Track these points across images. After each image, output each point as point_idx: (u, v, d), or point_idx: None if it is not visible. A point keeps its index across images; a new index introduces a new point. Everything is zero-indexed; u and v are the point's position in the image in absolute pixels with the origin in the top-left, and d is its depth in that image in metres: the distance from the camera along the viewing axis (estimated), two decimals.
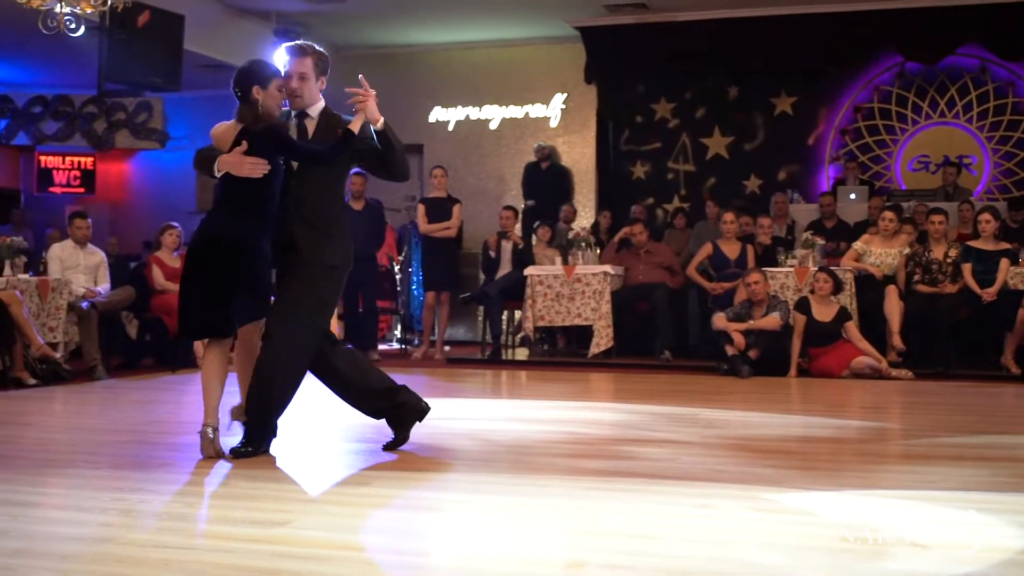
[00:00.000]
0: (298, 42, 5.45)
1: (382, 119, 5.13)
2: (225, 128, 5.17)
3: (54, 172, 15.81)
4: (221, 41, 13.10)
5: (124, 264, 12.21)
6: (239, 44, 13.32)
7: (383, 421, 5.34)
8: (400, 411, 5.25)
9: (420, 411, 5.28)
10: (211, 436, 5.02)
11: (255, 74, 5.18)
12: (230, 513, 3.94)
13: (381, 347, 11.90)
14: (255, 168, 4.97)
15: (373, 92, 5.13)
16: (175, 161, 15.78)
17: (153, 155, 15.88)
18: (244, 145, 5.00)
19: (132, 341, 10.46)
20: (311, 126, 5.26)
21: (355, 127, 5.06)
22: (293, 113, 5.31)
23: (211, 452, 5.00)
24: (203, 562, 3.26)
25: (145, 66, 11.73)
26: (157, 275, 10.21)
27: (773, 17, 12.64)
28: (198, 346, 9.99)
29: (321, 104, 5.33)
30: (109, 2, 8.65)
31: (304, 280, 5.07)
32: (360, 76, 5.22)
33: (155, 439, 5.80)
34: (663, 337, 10.66)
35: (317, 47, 5.39)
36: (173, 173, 15.84)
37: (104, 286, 9.90)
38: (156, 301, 10.17)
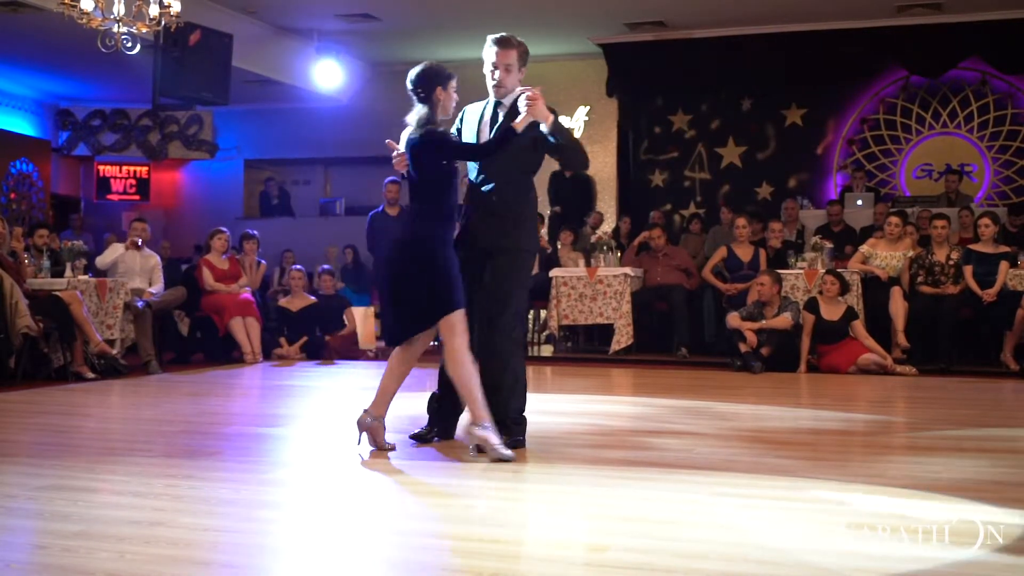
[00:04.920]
0: (504, 35, 5.36)
1: (552, 117, 5.02)
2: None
3: (111, 180, 15.91)
4: (266, 58, 13.16)
5: (176, 266, 12.27)
6: (283, 60, 13.40)
7: (419, 412, 5.34)
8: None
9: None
10: (369, 423, 4.89)
11: (439, 75, 5.26)
12: (274, 498, 3.96)
13: None
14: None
15: (539, 93, 4.96)
16: (224, 170, 15.89)
17: (203, 164, 15.97)
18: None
19: (184, 338, 10.50)
20: (501, 113, 5.24)
21: (518, 126, 4.98)
22: (493, 101, 5.35)
23: (370, 439, 4.89)
24: (249, 544, 3.27)
25: (196, 82, 11.78)
26: (207, 276, 10.25)
27: (784, 33, 12.56)
28: (244, 343, 10.04)
29: (515, 93, 5.21)
30: (163, 22, 8.71)
31: (506, 267, 5.00)
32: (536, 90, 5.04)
33: (205, 429, 5.82)
34: (680, 335, 10.63)
35: (520, 40, 5.32)
36: (222, 181, 15.94)
37: (158, 287, 9.96)
38: (206, 301, 10.22)
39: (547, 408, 6.92)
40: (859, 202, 12.10)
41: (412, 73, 5.15)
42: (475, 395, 4.66)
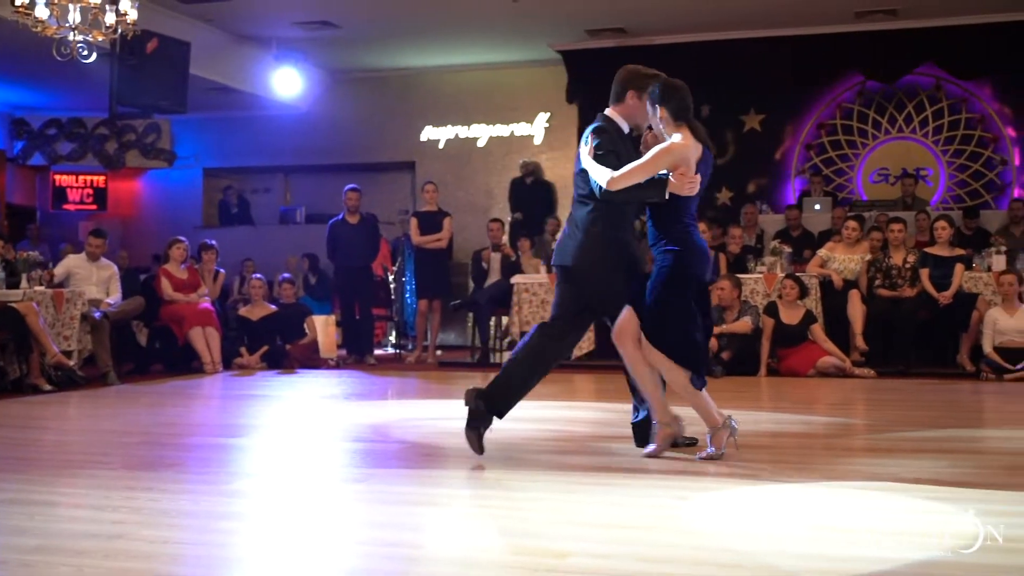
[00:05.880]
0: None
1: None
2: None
3: (68, 190, 15.73)
4: (225, 66, 13.09)
5: (134, 276, 12.14)
6: (242, 68, 13.33)
7: (381, 421, 5.32)
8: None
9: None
10: (667, 431, 4.89)
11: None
12: (236, 509, 3.92)
13: (377, 352, 11.88)
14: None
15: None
16: (182, 179, 15.76)
17: (161, 174, 15.83)
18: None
19: (142, 348, 10.43)
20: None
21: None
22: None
23: (666, 447, 4.88)
24: (211, 556, 3.25)
25: (154, 90, 11.70)
26: (165, 286, 10.18)
27: (742, 40, 12.66)
28: (204, 352, 9.97)
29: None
30: (119, 30, 8.64)
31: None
32: None
33: (165, 440, 5.77)
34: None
35: (626, 69, 5.34)
36: (180, 190, 15.81)
37: (116, 297, 9.85)
38: (165, 310, 10.15)
39: (509, 414, 6.90)
40: (817, 206, 12.21)
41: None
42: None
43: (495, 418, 5.00)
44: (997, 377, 8.80)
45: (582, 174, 5.05)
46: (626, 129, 5.16)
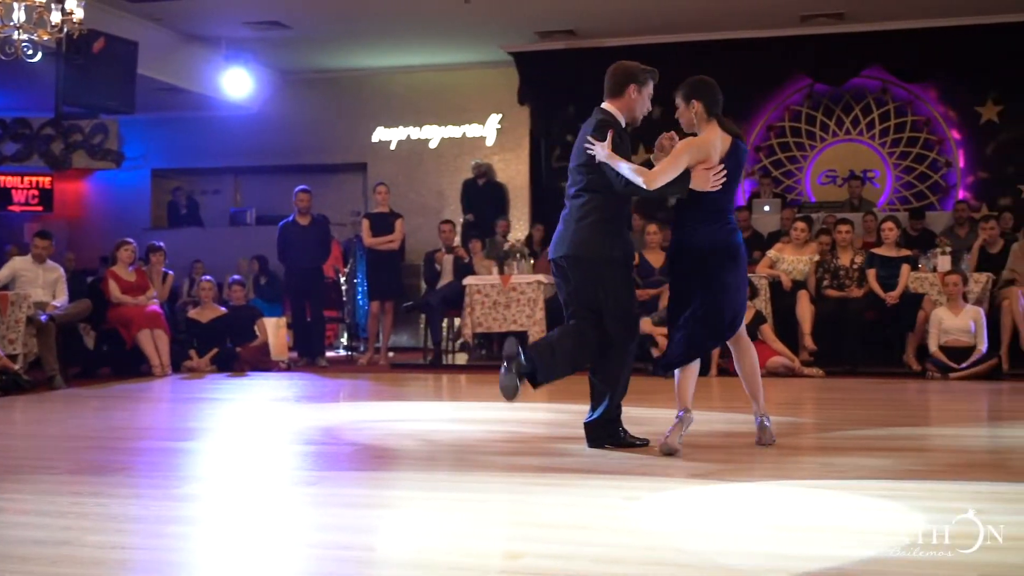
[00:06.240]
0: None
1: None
2: None
3: (13, 191, 15.46)
4: (173, 66, 12.96)
5: (81, 278, 11.98)
6: (191, 68, 13.20)
7: (333, 423, 5.30)
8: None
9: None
10: (766, 424, 5.17)
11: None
12: (186, 513, 3.88)
13: (329, 354, 11.81)
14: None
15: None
16: (130, 180, 15.57)
17: (109, 175, 15.62)
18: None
19: (89, 352, 10.29)
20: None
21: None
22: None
23: (767, 439, 5.13)
24: (160, 562, 3.21)
25: (101, 90, 11.56)
26: (113, 288, 10.05)
27: (692, 42, 12.75)
28: (152, 355, 9.86)
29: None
30: (65, 29, 8.52)
31: None
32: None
33: (113, 445, 5.70)
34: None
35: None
36: (128, 191, 15.62)
37: (62, 299, 9.71)
38: (112, 313, 10.02)
39: (462, 416, 6.92)
40: (766, 208, 12.33)
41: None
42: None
43: (528, 383, 5.10)
44: (942, 376, 8.92)
45: (584, 168, 5.12)
46: (623, 123, 5.22)
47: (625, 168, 4.97)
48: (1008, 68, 12.37)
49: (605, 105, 5.26)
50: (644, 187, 4.92)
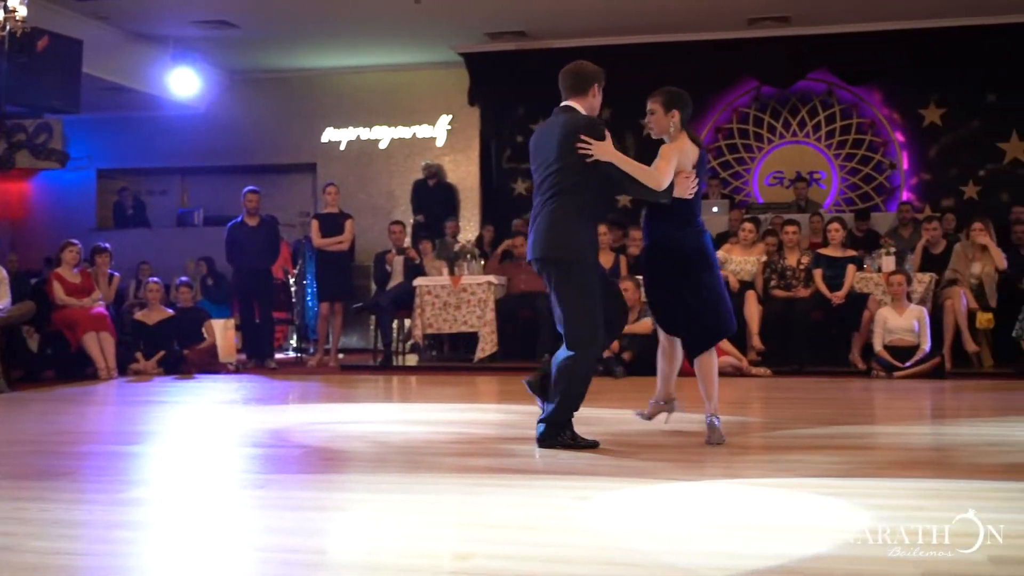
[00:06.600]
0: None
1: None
2: None
3: None
4: (119, 65, 12.79)
5: (25, 280, 11.76)
6: (137, 68, 13.04)
7: (282, 425, 5.26)
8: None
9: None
10: (716, 424, 5.29)
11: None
12: (132, 518, 3.83)
13: (278, 356, 11.73)
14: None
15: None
16: (75, 180, 15.35)
17: (53, 175, 15.38)
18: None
19: (33, 354, 10.11)
20: None
21: None
22: None
23: (716, 439, 5.24)
24: (105, 568, 3.16)
25: (45, 89, 11.39)
26: (58, 290, 9.92)
27: (641, 44, 12.82)
28: (98, 358, 9.73)
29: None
30: (8, 27, 8.38)
31: None
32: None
33: (57, 449, 5.61)
34: (544, 342, 10.68)
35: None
36: (73, 192, 15.40)
37: (4, 302, 9.55)
38: (57, 315, 9.89)
39: (412, 418, 6.90)
40: (715, 209, 12.42)
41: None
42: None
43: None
44: (887, 375, 9.04)
45: (567, 169, 5.07)
46: None
47: (635, 167, 5.10)
48: (950, 71, 12.58)
49: (571, 103, 5.22)
50: (653, 187, 5.06)
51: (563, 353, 5.13)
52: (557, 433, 5.12)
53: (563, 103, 5.25)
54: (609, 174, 5.07)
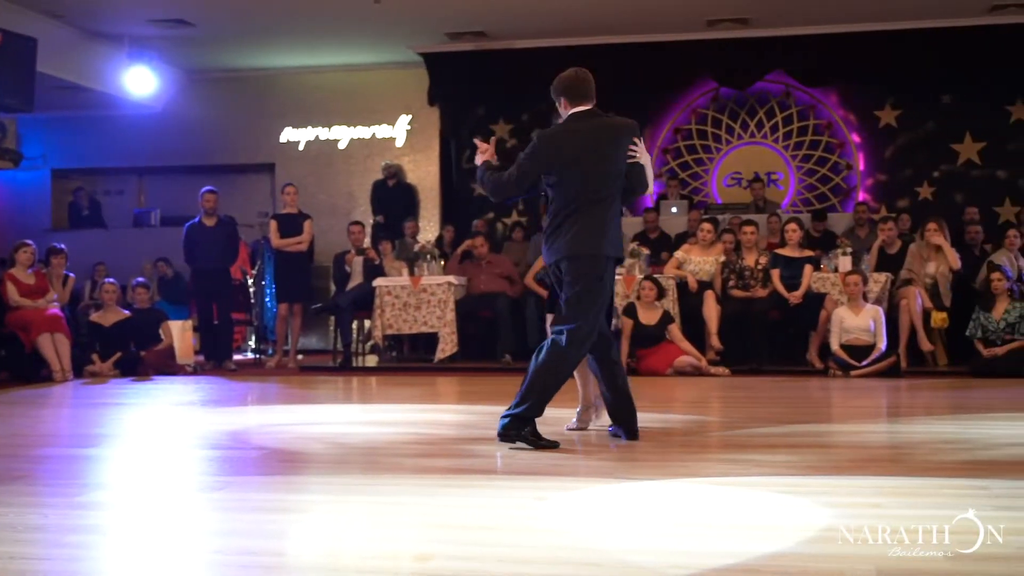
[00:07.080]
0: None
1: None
2: None
3: None
4: (75, 63, 12.64)
5: None
6: (92, 66, 12.90)
7: (241, 427, 5.22)
8: None
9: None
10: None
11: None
12: (88, 522, 3.79)
13: (236, 357, 11.65)
14: None
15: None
16: (29, 180, 15.16)
17: (7, 175, 15.19)
18: None
19: None
20: None
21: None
22: None
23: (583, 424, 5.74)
24: (61, 572, 3.13)
25: None
26: (11, 291, 9.80)
27: (601, 46, 12.85)
28: (53, 360, 9.63)
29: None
30: None
31: None
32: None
33: (10, 452, 5.54)
34: (504, 342, 10.73)
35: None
36: (27, 192, 15.20)
37: None
38: (11, 317, 9.78)
39: (372, 418, 6.88)
40: (674, 209, 12.49)
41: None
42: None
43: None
44: (844, 374, 9.14)
45: (620, 171, 5.24)
46: None
47: (650, 171, 5.40)
48: (905, 73, 12.73)
49: (593, 108, 5.27)
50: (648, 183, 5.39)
51: (552, 349, 5.12)
52: (520, 428, 5.11)
53: (589, 107, 5.25)
54: (628, 175, 5.27)
